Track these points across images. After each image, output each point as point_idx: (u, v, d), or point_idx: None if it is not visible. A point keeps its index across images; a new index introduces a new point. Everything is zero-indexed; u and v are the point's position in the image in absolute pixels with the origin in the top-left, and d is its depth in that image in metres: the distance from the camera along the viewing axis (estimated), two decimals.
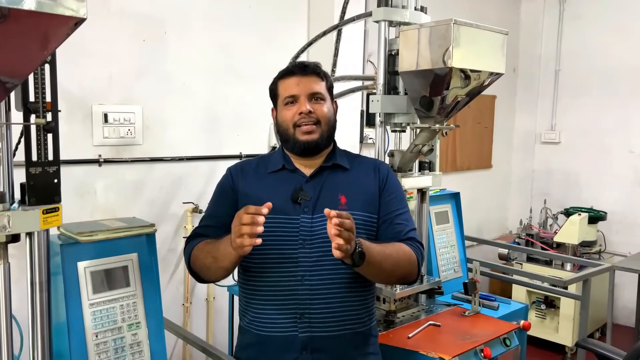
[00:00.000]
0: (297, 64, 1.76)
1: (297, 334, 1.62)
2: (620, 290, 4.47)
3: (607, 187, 4.77)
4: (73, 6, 0.98)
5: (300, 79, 1.70)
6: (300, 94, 1.69)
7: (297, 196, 1.66)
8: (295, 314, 1.63)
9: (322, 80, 1.73)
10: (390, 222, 1.72)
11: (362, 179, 1.75)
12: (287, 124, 1.70)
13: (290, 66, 1.77)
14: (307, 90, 1.69)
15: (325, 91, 1.74)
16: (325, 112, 1.71)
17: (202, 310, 3.09)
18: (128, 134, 2.70)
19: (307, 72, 1.72)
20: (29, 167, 1.32)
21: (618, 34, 4.64)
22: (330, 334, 1.62)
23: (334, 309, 1.64)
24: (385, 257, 1.59)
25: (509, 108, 5.28)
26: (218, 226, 1.71)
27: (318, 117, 1.69)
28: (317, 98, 1.70)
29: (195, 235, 1.77)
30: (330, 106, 1.75)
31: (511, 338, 2.16)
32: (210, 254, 1.61)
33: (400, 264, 1.66)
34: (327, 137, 1.72)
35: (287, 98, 1.70)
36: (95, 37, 2.48)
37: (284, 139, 1.73)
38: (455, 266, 2.80)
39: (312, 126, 1.68)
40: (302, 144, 1.68)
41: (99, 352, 1.67)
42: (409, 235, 1.72)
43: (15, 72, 1.12)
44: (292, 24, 3.34)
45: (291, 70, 1.74)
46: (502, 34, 2.10)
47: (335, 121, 1.77)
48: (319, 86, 1.71)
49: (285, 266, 1.63)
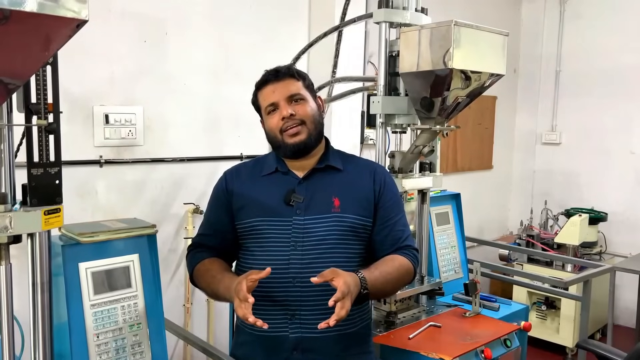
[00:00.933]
0: (270, 71, 1.76)
1: (287, 334, 1.64)
2: (621, 291, 4.46)
3: (608, 188, 4.77)
4: (75, 8, 0.99)
5: (276, 85, 1.71)
6: (278, 100, 1.69)
7: (290, 198, 1.68)
8: (286, 315, 1.65)
9: (297, 81, 1.73)
10: (390, 228, 1.74)
11: (357, 181, 1.75)
12: (274, 132, 1.72)
13: (264, 75, 1.77)
14: (284, 94, 1.69)
15: (304, 90, 1.73)
16: (308, 111, 1.71)
17: (203, 310, 3.09)
18: (129, 135, 2.70)
19: (279, 76, 1.72)
20: (30, 168, 1.32)
21: (619, 34, 4.64)
22: (321, 335, 1.62)
23: (325, 310, 1.64)
24: (388, 281, 1.66)
25: (509, 109, 5.28)
26: (215, 234, 1.79)
27: (301, 118, 1.69)
28: (297, 99, 1.70)
29: (197, 245, 1.82)
30: (312, 104, 1.73)
31: (512, 339, 2.17)
32: (210, 287, 1.71)
33: (400, 281, 1.74)
34: (315, 135, 1.72)
35: (268, 107, 1.72)
36: (96, 38, 2.48)
37: (275, 146, 1.75)
38: (455, 267, 2.80)
39: (298, 127, 1.68)
40: (292, 147, 1.69)
41: (100, 353, 1.67)
42: (407, 243, 1.76)
43: (17, 74, 1.12)
44: (293, 24, 3.35)
45: (265, 79, 1.75)
46: (503, 35, 2.10)
47: (322, 117, 1.77)
48: (295, 87, 1.71)
49: (277, 267, 1.63)
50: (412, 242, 1.79)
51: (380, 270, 1.64)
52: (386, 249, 1.73)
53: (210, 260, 1.75)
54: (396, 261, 1.70)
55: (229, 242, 1.77)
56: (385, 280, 1.65)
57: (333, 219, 1.67)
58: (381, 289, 1.66)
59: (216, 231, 1.78)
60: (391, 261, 1.70)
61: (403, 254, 1.73)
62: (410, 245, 1.77)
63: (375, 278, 1.60)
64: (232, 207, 1.74)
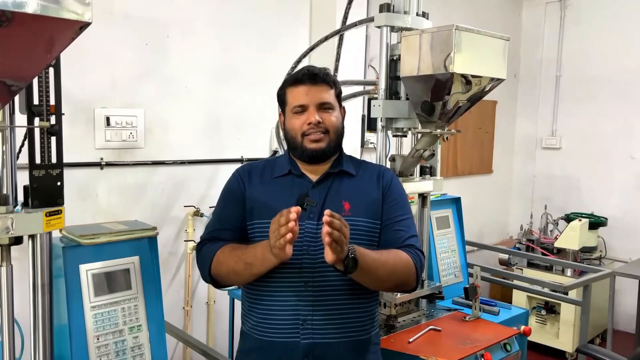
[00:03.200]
0: (306, 71, 1.72)
1: (299, 340, 1.60)
2: (620, 296, 4.46)
3: (608, 193, 4.77)
4: (78, 10, 0.99)
5: (310, 89, 1.68)
6: (309, 104, 1.67)
7: (303, 202, 1.65)
8: (297, 320, 1.62)
9: (331, 89, 1.71)
10: (391, 227, 1.71)
11: (367, 185, 1.74)
12: (295, 132, 1.69)
13: (299, 74, 1.74)
14: (316, 100, 1.67)
15: (334, 99, 1.72)
16: (334, 121, 1.70)
17: (203, 313, 3.09)
18: (130, 137, 2.71)
19: (316, 81, 1.69)
20: (32, 169, 1.33)
21: (619, 39, 4.65)
22: (332, 341, 1.61)
23: (337, 315, 1.63)
24: (381, 264, 1.58)
25: (510, 113, 5.29)
26: (232, 229, 1.70)
27: (327, 127, 1.68)
28: (326, 108, 1.69)
29: (212, 238, 1.71)
30: (338, 114, 1.73)
31: (511, 343, 2.16)
32: (242, 260, 1.58)
33: (396, 272, 1.64)
34: (334, 145, 1.71)
35: (295, 107, 1.69)
36: (99, 41, 2.49)
37: (292, 146, 1.72)
38: (455, 271, 2.80)
39: (321, 135, 1.67)
40: (310, 152, 1.67)
41: (100, 355, 1.67)
42: (409, 242, 1.70)
43: (20, 76, 1.13)
44: (295, 28, 3.36)
45: (300, 79, 1.71)
46: (504, 39, 2.11)
47: (344, 128, 1.76)
48: (328, 95, 1.70)
49: (289, 272, 1.62)
50: (416, 242, 1.73)
51: (375, 252, 1.58)
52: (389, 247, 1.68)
53: (230, 245, 1.65)
54: (395, 253, 1.64)
55: (243, 240, 1.70)
56: (378, 263, 1.56)
57: None
58: (373, 270, 1.56)
59: (232, 226, 1.70)
60: (390, 252, 1.64)
61: (407, 252, 1.67)
62: (414, 244, 1.71)
63: (366, 253, 1.52)
64: (245, 207, 1.70)
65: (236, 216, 1.70)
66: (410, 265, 1.65)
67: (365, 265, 1.50)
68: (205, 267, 1.68)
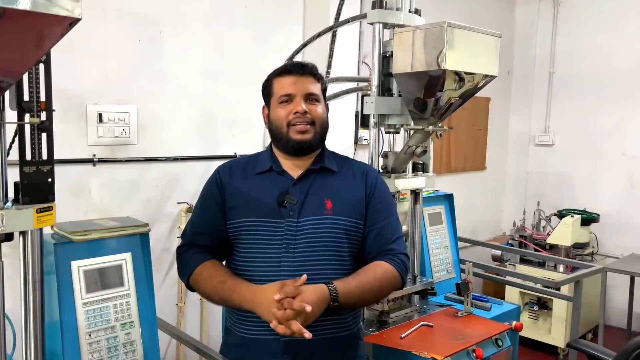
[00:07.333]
0: (294, 63, 1.76)
1: (278, 338, 1.59)
2: (612, 292, 4.50)
3: (601, 190, 4.80)
4: (68, 6, 0.99)
5: (298, 79, 1.70)
6: (296, 93, 1.68)
7: (283, 199, 1.66)
8: None
9: (317, 82, 1.74)
10: (378, 231, 1.71)
11: (350, 183, 1.74)
12: (280, 122, 1.69)
13: (287, 65, 1.77)
14: (304, 90, 1.69)
15: (320, 93, 1.74)
16: (320, 113, 1.71)
17: (196, 310, 3.09)
18: (123, 134, 2.70)
19: (304, 72, 1.72)
20: (22, 166, 1.32)
21: (612, 36, 4.67)
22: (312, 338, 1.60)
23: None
24: (366, 291, 1.61)
25: (503, 110, 5.31)
26: (209, 233, 1.73)
27: (313, 118, 1.69)
28: (313, 99, 1.70)
29: (190, 244, 1.75)
30: (324, 108, 1.75)
31: (503, 339, 2.18)
32: (219, 294, 1.63)
33: (383, 290, 1.68)
34: (319, 138, 1.72)
35: (282, 97, 1.69)
36: (91, 37, 2.48)
37: (277, 137, 1.72)
38: (448, 267, 2.81)
39: (307, 126, 1.67)
40: (295, 143, 1.68)
41: (92, 351, 1.67)
42: (392, 247, 1.71)
43: (9, 71, 1.12)
44: (288, 24, 3.35)
45: (288, 69, 1.73)
46: (496, 36, 2.11)
47: (328, 123, 1.78)
48: (315, 87, 1.72)
49: (268, 269, 1.62)
50: (400, 245, 1.74)
51: (358, 281, 1.60)
52: (373, 252, 1.70)
53: (212, 263, 1.69)
54: (379, 269, 1.65)
55: (222, 242, 1.73)
56: (363, 291, 1.60)
57: (326, 221, 1.66)
58: (358, 299, 1.61)
59: (210, 229, 1.72)
60: (373, 269, 1.65)
61: (389, 260, 1.68)
62: (398, 249, 1.72)
63: (350, 290, 1.55)
64: (225, 205, 1.71)
65: (214, 219, 1.72)
66: (395, 275, 1.68)
67: (349, 301, 1.56)
68: (184, 276, 1.74)
